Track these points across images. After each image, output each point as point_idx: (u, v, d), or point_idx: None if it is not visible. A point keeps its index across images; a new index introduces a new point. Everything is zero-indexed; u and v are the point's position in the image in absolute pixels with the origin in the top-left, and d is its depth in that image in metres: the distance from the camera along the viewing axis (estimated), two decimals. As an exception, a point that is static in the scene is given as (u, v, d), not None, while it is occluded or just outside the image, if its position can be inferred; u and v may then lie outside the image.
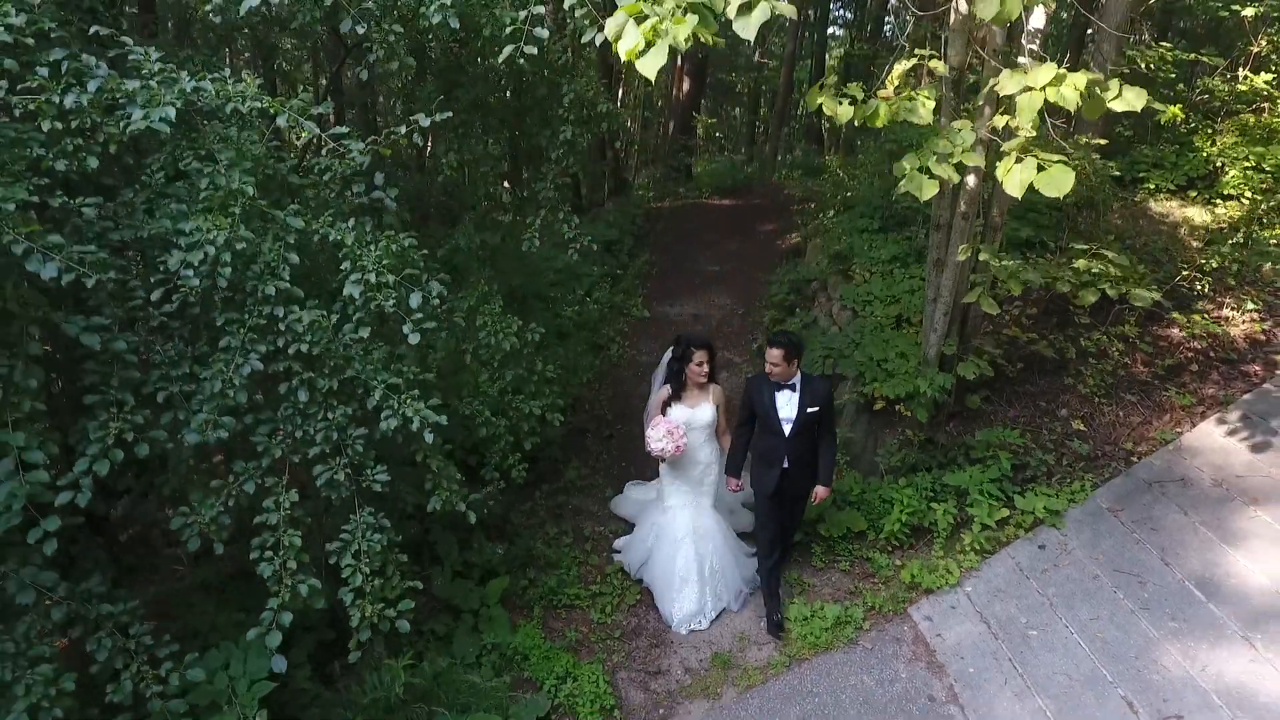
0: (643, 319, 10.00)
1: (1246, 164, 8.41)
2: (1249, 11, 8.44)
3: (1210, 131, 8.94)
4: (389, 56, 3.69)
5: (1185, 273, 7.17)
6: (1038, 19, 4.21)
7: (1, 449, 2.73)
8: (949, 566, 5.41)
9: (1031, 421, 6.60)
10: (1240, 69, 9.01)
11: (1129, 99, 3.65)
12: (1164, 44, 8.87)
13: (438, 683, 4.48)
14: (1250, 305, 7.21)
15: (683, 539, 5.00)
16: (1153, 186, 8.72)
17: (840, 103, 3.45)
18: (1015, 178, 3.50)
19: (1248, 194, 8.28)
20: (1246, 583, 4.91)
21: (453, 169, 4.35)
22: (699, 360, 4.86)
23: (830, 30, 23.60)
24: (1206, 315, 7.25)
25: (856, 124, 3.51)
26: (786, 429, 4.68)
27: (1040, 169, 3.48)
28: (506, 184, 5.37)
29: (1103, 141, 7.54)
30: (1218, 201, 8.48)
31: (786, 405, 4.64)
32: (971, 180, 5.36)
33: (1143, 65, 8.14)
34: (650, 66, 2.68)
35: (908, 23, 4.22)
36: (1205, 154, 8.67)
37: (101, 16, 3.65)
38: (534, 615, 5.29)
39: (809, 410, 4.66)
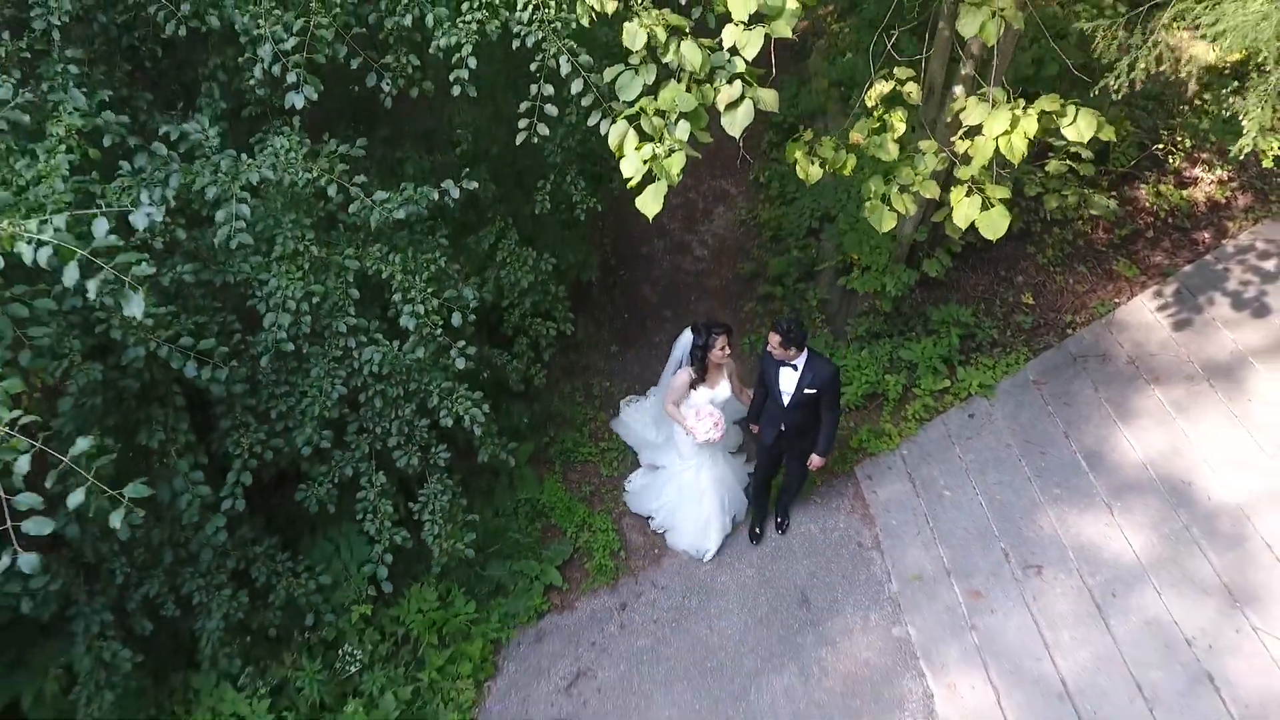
0: (644, 139, 10.19)
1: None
2: None
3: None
4: (409, 85, 3.97)
5: (1162, 144, 7.46)
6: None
7: (173, 471, 3.77)
8: (891, 432, 6.63)
9: (989, 289, 7.42)
10: None
11: (1080, 128, 4.05)
12: None
13: (488, 536, 5.92)
14: (1220, 170, 7.61)
15: (706, 489, 5.87)
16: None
17: (813, 163, 3.86)
18: (962, 211, 4.05)
19: (1260, 30, 8.12)
20: (1125, 458, 6.14)
21: (467, 142, 4.71)
22: (721, 345, 5.29)
23: None
24: (1178, 176, 7.69)
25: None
26: (785, 400, 5.19)
27: (987, 206, 4.03)
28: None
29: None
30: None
31: (786, 381, 5.14)
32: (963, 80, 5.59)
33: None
34: (650, 207, 3.21)
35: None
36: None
37: (141, 52, 3.89)
38: (556, 470, 6.63)
39: (806, 391, 5.10)
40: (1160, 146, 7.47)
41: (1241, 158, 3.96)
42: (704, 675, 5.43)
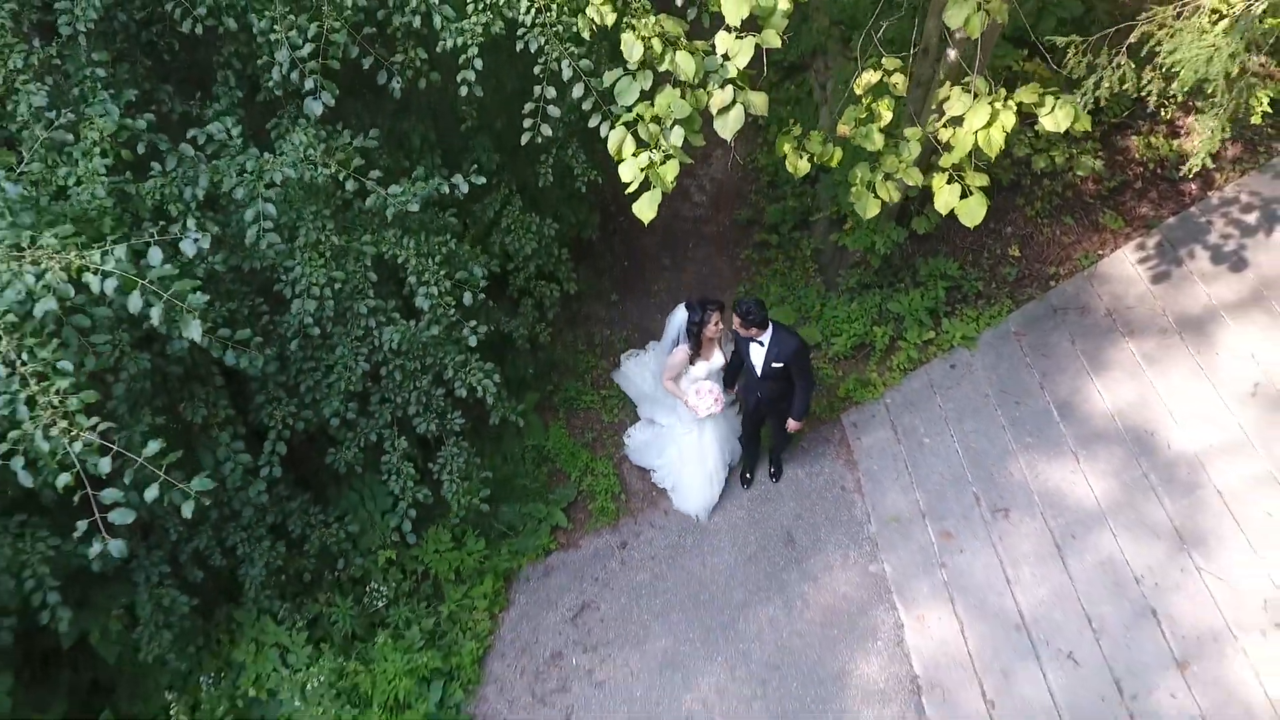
0: (644, 78, 10.16)
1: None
2: None
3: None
4: (417, 77, 4.13)
5: (1154, 97, 7.50)
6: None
7: (214, 443, 4.18)
8: (876, 382, 7.01)
9: (977, 240, 7.65)
10: None
11: (1058, 118, 4.25)
12: None
13: (499, 484, 6.39)
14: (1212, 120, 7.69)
15: (709, 448, 6.21)
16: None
17: (801, 157, 4.07)
18: (943, 198, 4.31)
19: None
20: (1095, 409, 6.53)
21: (472, 116, 4.89)
22: (715, 321, 5.55)
23: None
24: (1170, 126, 7.79)
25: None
26: (757, 372, 5.58)
27: (966, 194, 4.28)
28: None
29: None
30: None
31: (756, 356, 5.51)
32: (956, 45, 5.69)
33: None
34: (646, 213, 3.46)
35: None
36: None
37: (160, 47, 4.05)
38: (560, 417, 7.05)
39: (773, 364, 5.45)
40: (1155, 100, 7.52)
41: (1191, 175, 4.14)
42: (697, 607, 5.98)
